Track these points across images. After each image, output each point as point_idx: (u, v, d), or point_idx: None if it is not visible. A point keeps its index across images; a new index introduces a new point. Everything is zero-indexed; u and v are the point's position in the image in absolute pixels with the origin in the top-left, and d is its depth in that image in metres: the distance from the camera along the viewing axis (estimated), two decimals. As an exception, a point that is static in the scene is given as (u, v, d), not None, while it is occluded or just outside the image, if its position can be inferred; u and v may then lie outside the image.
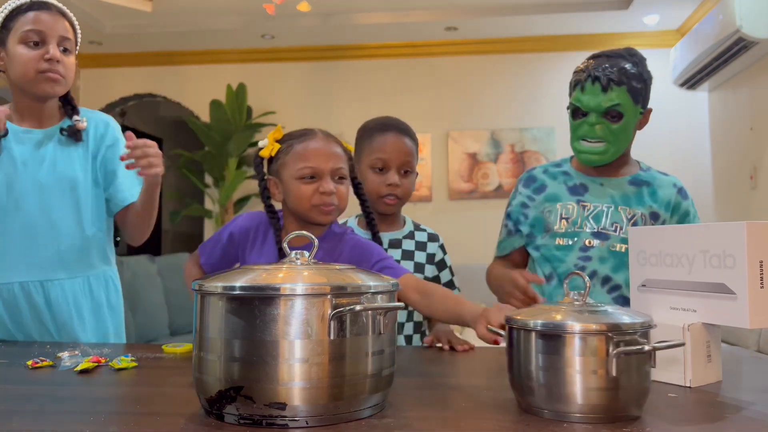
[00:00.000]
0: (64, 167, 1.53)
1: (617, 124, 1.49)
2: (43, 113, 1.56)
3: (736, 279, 0.96)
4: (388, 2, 4.77)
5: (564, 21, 4.92)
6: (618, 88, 1.46)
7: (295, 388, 0.77)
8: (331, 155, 1.31)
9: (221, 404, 0.80)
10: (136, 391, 1.03)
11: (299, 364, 0.77)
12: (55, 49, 1.48)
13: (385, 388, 0.85)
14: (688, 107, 5.12)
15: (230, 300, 0.79)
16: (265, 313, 0.77)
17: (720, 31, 3.93)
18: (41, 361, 1.17)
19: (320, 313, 0.77)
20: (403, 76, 5.43)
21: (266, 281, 0.80)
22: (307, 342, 0.77)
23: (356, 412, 0.81)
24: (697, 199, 5.19)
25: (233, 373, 0.78)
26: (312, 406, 0.78)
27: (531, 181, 1.66)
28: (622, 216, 1.53)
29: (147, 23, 4.95)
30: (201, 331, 0.83)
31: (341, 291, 0.79)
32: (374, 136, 1.57)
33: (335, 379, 0.78)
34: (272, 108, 5.45)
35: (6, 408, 0.91)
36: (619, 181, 1.58)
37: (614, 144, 1.50)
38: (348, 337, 0.79)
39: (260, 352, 0.77)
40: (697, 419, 0.85)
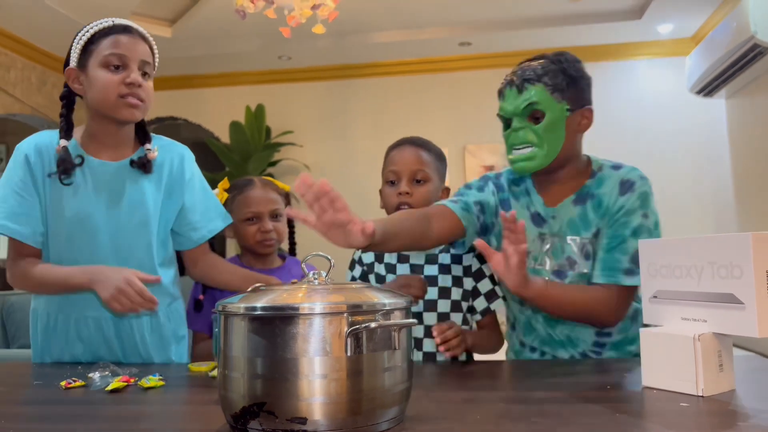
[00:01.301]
0: (137, 203, 1.49)
1: (539, 125, 1.37)
2: (118, 139, 1.51)
3: (743, 289, 0.98)
4: (401, 20, 4.84)
5: (577, 33, 4.94)
6: (533, 86, 1.37)
7: (315, 403, 0.80)
8: (269, 200, 1.69)
9: (245, 420, 0.83)
10: (164, 409, 1.07)
11: (318, 380, 0.81)
12: (136, 74, 1.44)
13: (402, 402, 0.88)
14: (705, 115, 5.10)
15: (252, 320, 0.83)
16: (285, 331, 0.81)
17: (735, 38, 3.93)
18: (74, 381, 1.22)
19: (337, 331, 0.81)
20: (419, 92, 5.49)
21: (286, 301, 0.84)
22: (325, 359, 0.81)
23: (374, 425, 0.84)
24: (719, 206, 5.15)
25: (256, 390, 0.82)
26: (331, 420, 0.81)
27: (500, 189, 1.53)
28: (573, 248, 1.41)
29: (167, 48, 5.08)
30: (225, 350, 0.86)
31: (357, 309, 0.83)
32: (389, 154, 1.62)
33: (353, 394, 0.81)
34: (290, 127, 5.54)
35: (43, 427, 0.95)
36: (565, 205, 1.44)
37: (541, 146, 1.38)
38: (365, 353, 0.82)
39: (281, 369, 0.81)
40: (708, 428, 0.86)
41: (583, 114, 1.43)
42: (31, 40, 4.89)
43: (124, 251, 1.48)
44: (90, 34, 1.45)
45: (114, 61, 1.43)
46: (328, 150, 5.52)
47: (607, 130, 5.14)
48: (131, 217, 1.48)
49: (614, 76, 5.28)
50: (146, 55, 1.47)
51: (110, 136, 1.50)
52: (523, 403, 1.01)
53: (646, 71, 5.27)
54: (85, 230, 1.46)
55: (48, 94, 5.18)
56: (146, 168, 1.50)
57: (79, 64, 1.46)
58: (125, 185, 1.49)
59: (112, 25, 1.46)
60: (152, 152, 1.52)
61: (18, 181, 1.45)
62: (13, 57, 4.86)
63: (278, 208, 1.69)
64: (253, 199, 1.69)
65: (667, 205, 5.13)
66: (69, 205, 1.45)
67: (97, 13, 4.39)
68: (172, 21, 4.91)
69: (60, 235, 1.46)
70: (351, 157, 5.41)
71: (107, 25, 1.46)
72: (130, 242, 1.48)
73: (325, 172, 5.37)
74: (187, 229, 1.57)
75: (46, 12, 4.33)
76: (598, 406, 0.97)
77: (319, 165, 5.38)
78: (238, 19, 3.65)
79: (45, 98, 5.14)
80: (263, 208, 1.67)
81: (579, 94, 1.41)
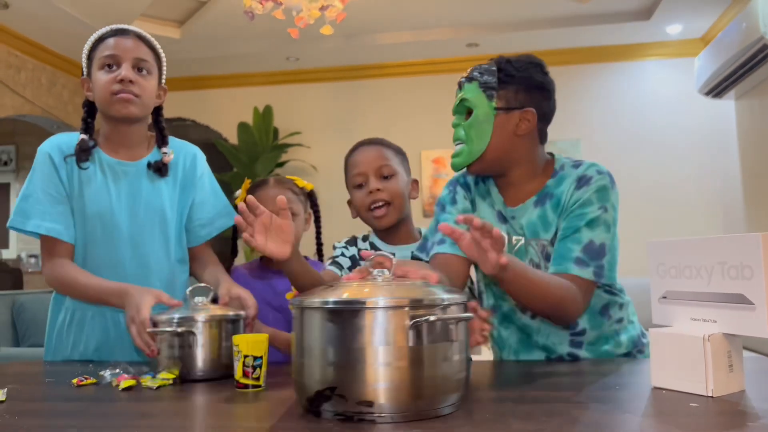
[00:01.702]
0: (154, 202, 1.55)
1: (467, 121, 1.40)
2: (130, 140, 1.56)
3: (754, 289, 0.97)
4: (408, 21, 4.85)
5: (585, 34, 4.93)
6: (468, 84, 1.42)
7: (380, 388, 0.88)
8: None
9: (319, 402, 0.91)
10: (176, 406, 1.08)
11: (383, 368, 0.88)
12: (127, 70, 1.48)
13: (459, 390, 0.95)
14: (714, 116, 5.08)
15: (325, 312, 0.92)
16: (354, 323, 0.89)
17: (744, 38, 3.91)
18: (85, 379, 1.23)
19: (401, 323, 0.89)
20: (425, 93, 5.49)
21: (355, 296, 0.92)
22: (389, 348, 0.89)
23: (434, 410, 0.91)
24: (728, 207, 5.13)
25: (328, 376, 0.90)
26: (395, 405, 0.89)
27: (467, 188, 1.51)
28: (535, 251, 1.39)
29: (175, 49, 5.10)
30: (300, 340, 0.95)
31: (419, 303, 0.90)
32: (349, 160, 1.61)
33: (414, 381, 0.89)
34: (298, 128, 5.56)
35: (55, 423, 0.96)
36: (525, 207, 1.41)
37: (468, 142, 1.39)
38: (425, 344, 0.89)
39: (350, 357, 0.89)
40: (718, 429, 0.86)
41: (523, 116, 1.39)
42: (41, 42, 4.93)
43: (142, 248, 1.52)
44: (91, 43, 1.54)
45: (108, 61, 1.49)
46: (335, 151, 5.50)
47: (615, 131, 5.13)
48: (149, 214, 1.53)
49: (623, 77, 5.26)
50: (141, 53, 1.52)
51: (122, 136, 1.56)
52: (531, 402, 1.01)
53: (654, 72, 5.26)
54: (105, 227, 1.51)
55: (58, 95, 5.21)
56: (162, 172, 1.56)
57: (87, 73, 1.55)
58: (143, 184, 1.55)
59: (108, 31, 1.53)
60: (168, 156, 1.57)
61: (46, 180, 1.50)
62: (23, 58, 4.89)
63: (290, 208, 1.64)
64: (263, 200, 1.67)
65: (676, 205, 5.12)
66: (90, 202, 1.51)
67: (106, 15, 4.43)
68: (180, 22, 4.94)
69: (81, 231, 1.51)
70: (358, 158, 5.42)
71: (104, 32, 1.53)
72: (148, 239, 1.53)
73: (332, 172, 5.38)
74: (196, 225, 1.62)
75: (56, 14, 4.36)
76: (607, 406, 0.97)
77: (326, 166, 5.39)
78: (246, 20, 3.66)
79: (55, 99, 5.18)
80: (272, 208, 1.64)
81: (517, 95, 1.39)
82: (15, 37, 4.75)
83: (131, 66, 1.50)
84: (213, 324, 1.28)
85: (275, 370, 1.26)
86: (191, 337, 1.24)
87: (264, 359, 1.15)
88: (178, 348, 1.25)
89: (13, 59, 4.80)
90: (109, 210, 1.51)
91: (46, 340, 1.60)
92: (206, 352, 1.26)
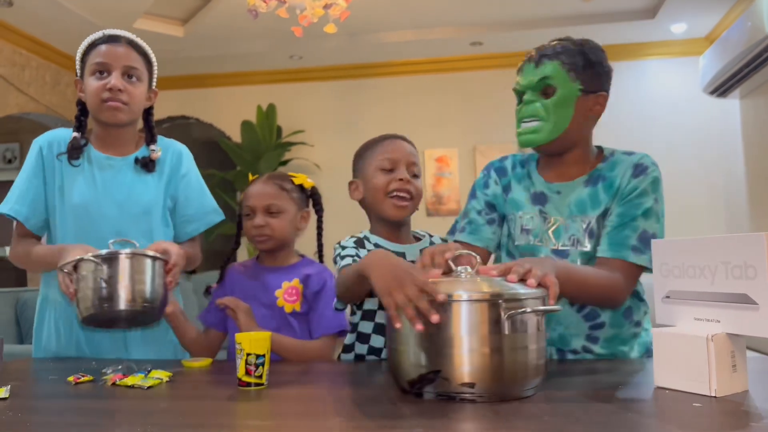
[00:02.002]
0: (139, 193, 1.60)
1: (549, 99, 1.40)
2: (120, 140, 1.63)
3: (757, 289, 0.97)
4: (412, 20, 4.84)
5: (590, 32, 4.89)
6: (550, 62, 1.40)
7: (481, 371, 0.99)
8: (263, 194, 1.61)
9: (422, 384, 1.02)
10: (172, 405, 1.08)
11: (484, 354, 1.00)
12: (116, 79, 1.53)
13: (542, 374, 1.05)
14: (719, 115, 5.07)
15: (455, 304, 1.01)
16: (461, 315, 1.00)
17: (749, 37, 3.90)
18: (82, 377, 1.24)
19: (496, 315, 1.00)
20: (429, 92, 5.49)
21: (456, 289, 1.02)
22: (490, 337, 1.00)
23: (523, 390, 1.03)
24: (732, 207, 5.12)
25: (433, 360, 1.00)
26: (491, 386, 1.00)
27: (502, 173, 1.55)
28: (578, 226, 1.41)
29: (179, 48, 5.11)
30: (401, 331, 1.03)
31: (514, 298, 1.02)
32: (377, 145, 1.59)
33: (509, 365, 1.00)
34: (301, 127, 5.56)
35: (59, 420, 0.96)
36: (574, 185, 1.45)
37: (548, 121, 1.39)
38: (518, 333, 1.01)
39: (456, 344, 1.00)
40: (721, 429, 0.86)
41: (597, 99, 1.43)
42: (45, 40, 4.94)
43: (125, 236, 1.56)
44: (84, 47, 1.59)
45: (99, 68, 1.55)
46: (338, 149, 5.51)
47: (619, 130, 5.11)
48: (133, 204, 1.59)
49: (627, 76, 5.25)
50: (133, 61, 1.57)
51: (112, 137, 1.63)
52: (534, 401, 1.01)
53: (659, 71, 5.25)
54: (90, 216, 1.56)
55: (62, 93, 5.22)
56: (149, 167, 1.63)
57: (80, 75, 1.61)
58: (129, 177, 1.61)
59: (101, 36, 1.58)
60: (156, 152, 1.64)
61: (30, 169, 1.59)
62: (27, 56, 4.90)
63: (273, 204, 1.60)
64: (249, 194, 1.64)
65: (680, 205, 5.10)
66: (77, 192, 1.57)
67: (110, 13, 4.44)
68: (184, 21, 4.94)
69: (68, 220, 1.57)
70: (362, 157, 5.42)
71: (97, 37, 1.58)
72: (132, 228, 1.58)
73: (336, 171, 5.38)
74: (181, 221, 1.68)
75: (60, 12, 4.37)
76: (610, 406, 0.96)
77: (329, 164, 5.39)
78: (250, 18, 3.66)
79: (59, 97, 5.19)
80: (257, 203, 1.61)
81: (595, 79, 1.42)
82: (19, 35, 4.76)
83: (121, 74, 1.55)
84: (130, 259, 1.34)
85: (277, 369, 1.26)
86: (109, 270, 1.31)
87: (267, 357, 1.15)
88: (95, 280, 1.31)
89: (18, 57, 4.81)
90: (95, 201, 1.57)
91: (34, 338, 1.64)
92: (124, 286, 1.32)
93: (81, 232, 1.55)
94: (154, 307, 1.36)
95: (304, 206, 1.69)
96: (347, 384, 1.30)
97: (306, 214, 1.68)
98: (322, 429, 0.88)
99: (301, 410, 0.99)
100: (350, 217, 1.64)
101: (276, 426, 0.91)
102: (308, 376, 1.34)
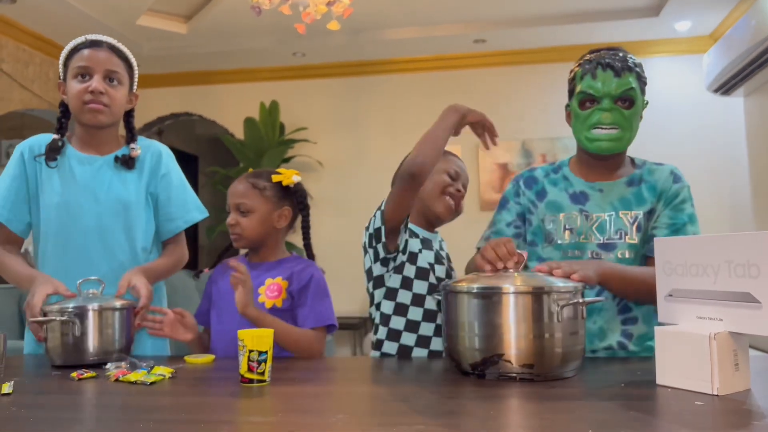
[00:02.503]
0: (118, 190, 1.64)
1: (629, 110, 1.47)
2: (100, 141, 1.67)
3: (760, 288, 0.97)
4: (415, 17, 4.83)
5: (594, 30, 4.91)
6: (629, 74, 1.47)
7: (538, 354, 1.13)
8: (234, 193, 1.64)
9: (484, 366, 1.15)
10: (176, 401, 1.09)
11: (542, 338, 1.14)
12: (98, 82, 1.58)
13: (582, 357, 1.20)
14: (723, 113, 5.05)
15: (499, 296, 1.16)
16: (515, 305, 1.15)
17: (753, 35, 3.88)
18: (85, 372, 1.25)
19: (555, 305, 1.14)
20: (433, 89, 5.48)
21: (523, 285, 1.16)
22: (547, 324, 1.14)
23: (567, 371, 1.17)
24: (736, 205, 5.10)
25: (494, 344, 1.15)
26: (547, 368, 1.14)
27: (532, 182, 1.62)
28: (624, 221, 1.50)
29: (182, 44, 5.11)
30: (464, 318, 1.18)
31: (565, 290, 1.17)
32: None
33: (559, 349, 1.14)
34: (304, 124, 5.55)
35: (63, 416, 0.97)
36: (617, 184, 1.54)
37: (627, 130, 1.48)
38: (569, 320, 1.16)
39: (518, 329, 1.14)
40: (723, 427, 0.86)
41: (642, 113, 1.55)
42: (49, 36, 4.94)
43: (106, 232, 1.61)
44: (67, 51, 1.64)
45: (81, 71, 1.60)
46: (341, 147, 5.53)
47: (622, 129, 5.10)
48: (114, 202, 1.62)
49: (630, 73, 5.24)
50: (114, 65, 1.62)
51: (92, 137, 1.67)
52: (536, 399, 1.01)
53: (663, 69, 5.23)
54: (71, 215, 1.60)
55: (65, 89, 5.22)
56: (129, 165, 1.67)
57: (63, 78, 1.65)
58: (107, 175, 1.65)
59: (84, 41, 1.63)
60: (135, 150, 1.68)
61: (11, 174, 1.63)
62: (31, 53, 4.91)
63: (242, 203, 1.61)
64: (228, 192, 1.66)
65: (683, 204, 5.09)
66: (57, 192, 1.61)
67: (114, 10, 4.43)
68: (187, 17, 4.94)
69: (50, 220, 1.61)
70: (364, 154, 5.41)
71: (80, 42, 1.64)
72: (112, 224, 1.62)
73: (338, 168, 5.39)
74: (163, 219, 1.72)
75: (64, 8, 4.37)
76: (612, 404, 0.96)
77: (332, 162, 5.39)
78: (253, 15, 3.65)
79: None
80: (230, 201, 1.64)
81: (643, 91, 1.53)
82: (23, 32, 4.77)
83: (102, 77, 1.60)
84: (96, 312, 1.40)
85: (280, 365, 1.26)
86: (73, 325, 1.36)
87: (269, 354, 1.15)
88: (64, 335, 1.37)
89: (21, 54, 4.82)
90: (74, 198, 1.60)
91: (26, 333, 1.69)
92: (92, 339, 1.38)
93: (63, 229, 1.60)
94: (121, 350, 1.43)
95: (285, 204, 1.67)
96: (349, 381, 1.31)
97: (287, 212, 1.66)
98: (324, 425, 0.88)
99: (304, 407, 0.99)
100: (352, 214, 1.64)
101: (278, 422, 0.91)
102: (310, 373, 1.34)
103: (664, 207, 1.50)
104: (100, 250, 1.61)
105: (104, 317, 1.41)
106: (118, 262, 1.62)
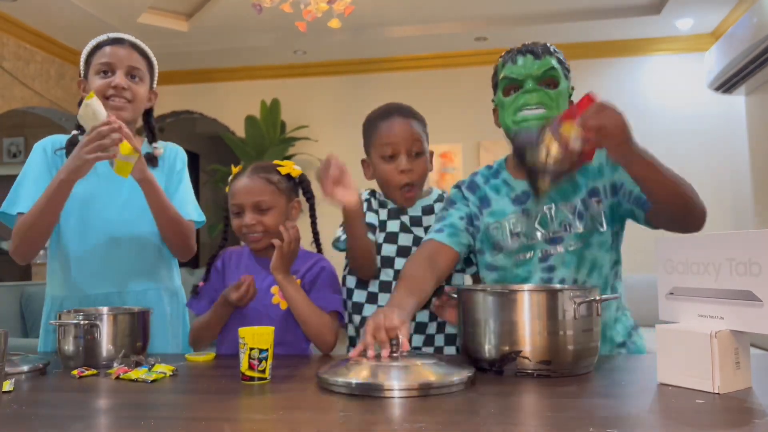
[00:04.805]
0: None
1: (554, 90, 1.43)
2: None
3: (762, 286, 0.97)
4: (417, 15, 4.83)
5: (595, 28, 4.90)
6: (551, 56, 1.45)
7: (553, 351, 1.15)
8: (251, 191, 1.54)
9: (503, 363, 1.17)
10: (175, 399, 1.09)
11: (558, 335, 1.16)
12: (120, 78, 1.61)
13: (595, 355, 1.22)
14: (724, 111, 5.04)
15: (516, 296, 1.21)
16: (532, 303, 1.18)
17: (755, 33, 3.88)
18: (86, 370, 1.25)
19: (571, 303, 1.17)
20: (434, 87, 5.48)
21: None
22: (565, 321, 1.17)
23: (582, 368, 1.18)
24: (737, 203, 5.10)
25: (513, 341, 1.17)
26: (563, 364, 1.16)
27: (475, 187, 1.55)
28: (565, 213, 1.45)
29: (183, 42, 5.11)
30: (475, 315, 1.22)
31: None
32: (379, 125, 1.61)
33: (575, 346, 1.17)
34: (305, 122, 5.55)
35: (63, 413, 0.97)
36: None
37: (555, 110, 1.41)
38: (584, 317, 1.18)
39: (535, 327, 1.16)
40: (724, 425, 0.86)
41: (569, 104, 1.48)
42: (50, 34, 4.94)
43: (130, 223, 1.63)
44: (89, 49, 1.66)
45: (103, 68, 1.62)
46: (342, 145, 5.49)
47: (623, 127, 5.09)
48: (137, 193, 1.59)
49: (632, 71, 5.23)
50: (135, 62, 1.65)
51: None
52: (537, 397, 1.01)
53: (664, 67, 5.22)
54: (94, 208, 1.61)
55: (66, 87, 5.23)
56: (153, 162, 1.69)
57: (84, 75, 1.68)
58: None
59: (106, 39, 1.66)
60: (158, 150, 1.72)
61: (36, 170, 1.63)
62: (32, 50, 4.91)
63: (262, 200, 1.53)
64: (236, 191, 1.56)
65: (684, 202, 5.08)
66: (82, 186, 1.56)
67: (115, 8, 4.43)
68: (188, 15, 4.94)
69: (73, 213, 1.61)
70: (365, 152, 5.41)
71: (102, 40, 1.66)
72: (136, 215, 1.62)
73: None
74: None
75: (65, 6, 4.37)
76: (613, 402, 0.96)
77: (333, 160, 5.38)
78: (254, 13, 3.65)
79: (63, 91, 5.19)
80: (245, 200, 1.53)
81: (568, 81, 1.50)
82: (24, 30, 4.77)
83: (125, 73, 1.62)
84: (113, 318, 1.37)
85: (281, 363, 1.26)
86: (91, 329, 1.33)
87: (270, 352, 1.15)
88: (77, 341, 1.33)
89: (23, 51, 4.82)
90: (97, 192, 1.62)
91: (41, 332, 1.68)
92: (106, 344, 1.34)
93: (86, 221, 1.61)
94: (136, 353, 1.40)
95: (294, 196, 1.62)
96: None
97: (297, 203, 1.62)
98: (325, 423, 0.88)
99: (304, 404, 0.99)
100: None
101: (279, 420, 0.91)
102: (311, 371, 1.34)
103: (616, 177, 1.45)
104: (126, 243, 1.63)
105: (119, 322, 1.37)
106: (144, 255, 1.65)
